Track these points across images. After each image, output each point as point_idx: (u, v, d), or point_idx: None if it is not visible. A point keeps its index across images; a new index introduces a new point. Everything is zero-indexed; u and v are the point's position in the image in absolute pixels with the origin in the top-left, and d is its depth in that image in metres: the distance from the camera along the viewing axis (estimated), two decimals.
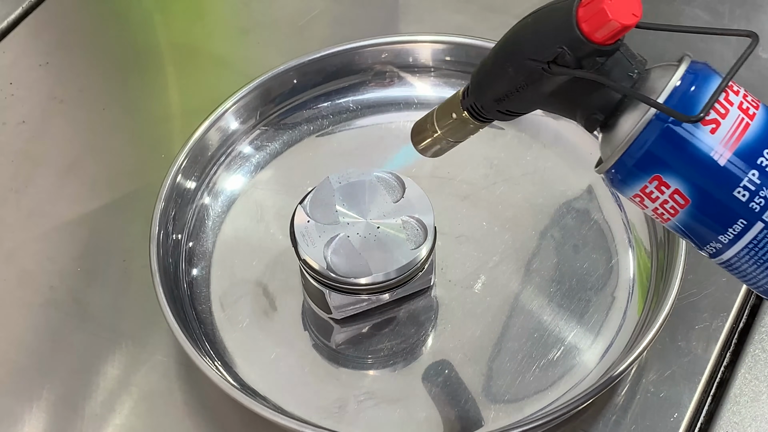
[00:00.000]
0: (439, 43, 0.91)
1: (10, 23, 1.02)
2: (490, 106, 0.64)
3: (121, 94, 0.98)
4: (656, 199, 0.58)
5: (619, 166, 0.58)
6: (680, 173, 0.57)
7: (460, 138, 0.69)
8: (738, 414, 0.76)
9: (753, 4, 1.01)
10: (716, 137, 0.56)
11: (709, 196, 0.57)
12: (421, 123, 0.71)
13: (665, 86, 0.57)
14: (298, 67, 0.90)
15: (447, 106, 0.68)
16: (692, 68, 0.57)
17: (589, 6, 0.56)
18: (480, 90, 0.64)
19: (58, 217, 0.88)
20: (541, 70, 0.58)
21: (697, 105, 0.56)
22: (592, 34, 0.56)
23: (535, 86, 0.60)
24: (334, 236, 0.76)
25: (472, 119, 0.66)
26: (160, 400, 0.78)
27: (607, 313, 0.79)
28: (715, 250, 0.59)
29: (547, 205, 0.85)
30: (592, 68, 0.58)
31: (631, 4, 0.56)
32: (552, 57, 0.58)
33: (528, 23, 0.60)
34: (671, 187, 0.57)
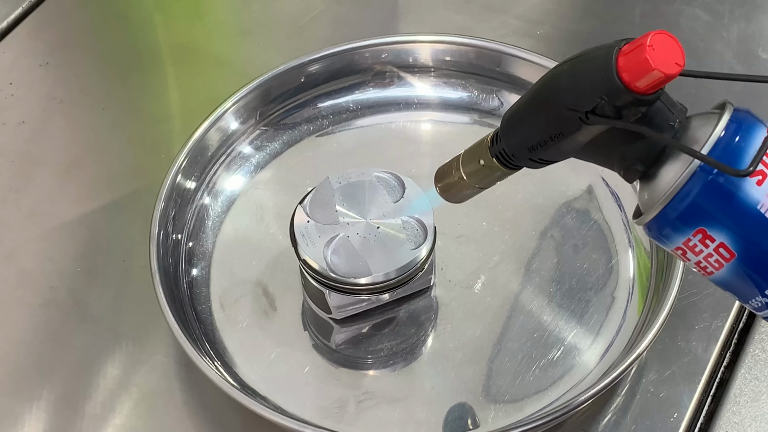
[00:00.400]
0: (439, 43, 0.91)
1: (10, 23, 1.02)
2: (522, 155, 0.62)
3: (121, 94, 0.98)
4: (700, 253, 0.56)
5: (661, 219, 0.56)
6: (726, 226, 0.55)
7: (488, 184, 0.67)
8: (738, 414, 0.76)
9: (753, 4, 1.01)
10: (763, 189, 0.54)
11: (755, 249, 0.55)
12: (445, 168, 0.69)
13: (709, 137, 0.55)
14: (298, 67, 0.90)
15: (474, 152, 0.66)
16: (735, 117, 0.55)
17: (631, 55, 0.54)
18: (512, 138, 0.62)
19: (58, 217, 0.88)
20: (579, 120, 0.57)
21: (741, 156, 0.54)
22: (633, 83, 0.54)
23: (571, 136, 0.58)
24: (334, 236, 0.76)
25: (500, 166, 0.64)
26: (160, 400, 0.78)
27: (607, 313, 0.79)
28: (761, 305, 0.57)
29: (547, 205, 0.85)
30: (632, 118, 0.56)
31: (674, 53, 0.54)
32: (591, 107, 0.56)
33: (564, 71, 0.58)
34: (716, 240, 0.55)
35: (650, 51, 0.54)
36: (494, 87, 0.90)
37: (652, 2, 1.01)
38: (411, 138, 0.91)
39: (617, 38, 0.57)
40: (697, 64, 0.96)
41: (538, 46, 0.94)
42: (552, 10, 1.02)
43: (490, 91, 0.90)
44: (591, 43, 0.58)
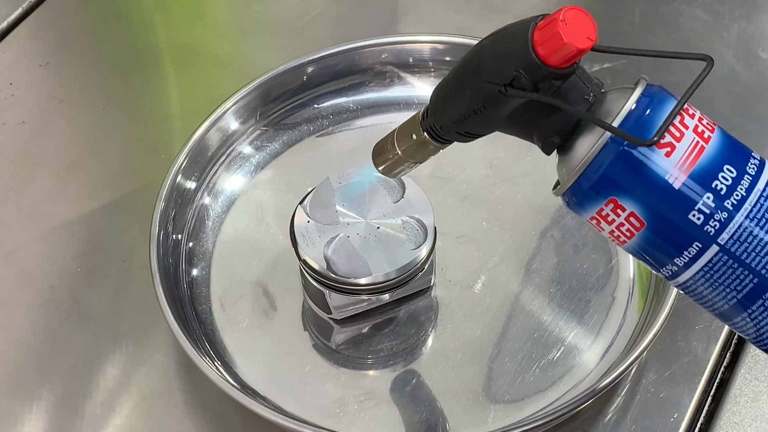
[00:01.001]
0: (439, 43, 0.91)
1: (10, 23, 1.02)
2: (449, 128, 0.64)
3: (121, 94, 0.98)
4: (612, 222, 0.58)
5: (575, 189, 0.58)
6: (635, 196, 0.57)
7: (421, 159, 0.69)
8: (738, 414, 0.76)
9: (753, 4, 1.01)
10: (671, 160, 0.56)
11: (664, 219, 0.57)
12: (381, 144, 0.70)
13: (620, 109, 0.57)
14: (298, 67, 0.90)
15: (407, 128, 0.68)
16: (647, 91, 0.57)
17: (545, 29, 0.56)
18: (439, 111, 0.64)
19: (58, 217, 0.88)
20: (498, 93, 0.58)
21: (652, 128, 0.56)
22: (548, 57, 0.56)
23: (492, 109, 0.60)
24: (334, 236, 0.76)
25: (431, 140, 0.66)
26: (160, 400, 0.78)
27: (607, 313, 0.79)
28: (672, 273, 0.59)
29: (547, 205, 0.85)
30: (548, 91, 0.58)
31: (586, 28, 0.56)
32: (508, 80, 0.58)
33: (485, 45, 0.60)
34: (627, 210, 0.57)
35: (562, 25, 0.56)
36: None
37: (652, 2, 1.01)
38: None
39: (617, 38, 0.58)
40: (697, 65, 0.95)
41: None
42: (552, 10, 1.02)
43: None
44: None
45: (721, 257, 0.57)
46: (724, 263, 0.57)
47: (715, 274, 0.58)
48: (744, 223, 0.56)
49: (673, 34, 0.98)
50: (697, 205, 0.56)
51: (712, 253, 0.57)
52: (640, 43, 0.98)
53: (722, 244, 0.57)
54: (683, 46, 0.97)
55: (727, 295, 0.58)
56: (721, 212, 0.56)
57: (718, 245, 0.57)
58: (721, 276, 0.58)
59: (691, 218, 0.57)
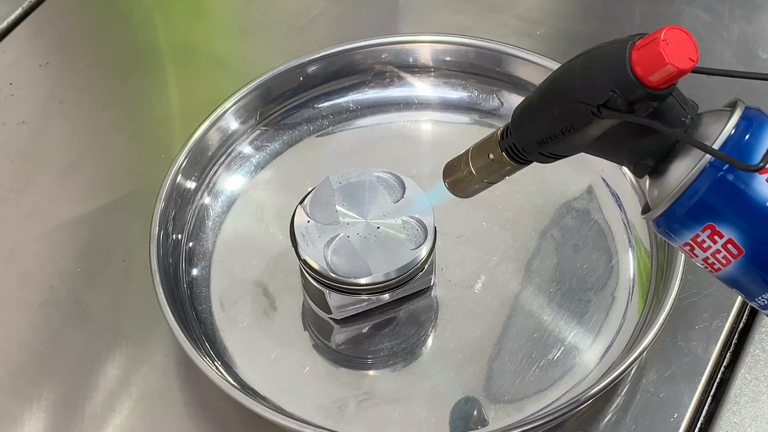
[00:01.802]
0: (439, 43, 0.91)
1: (10, 23, 1.02)
2: (532, 149, 0.62)
3: (121, 94, 0.98)
4: (708, 249, 0.56)
5: (671, 213, 0.56)
6: (734, 222, 0.55)
7: (496, 179, 0.67)
8: (738, 414, 0.76)
9: (753, 4, 1.01)
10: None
11: (764, 246, 0.55)
12: (454, 163, 0.69)
13: (719, 133, 0.55)
14: (298, 67, 0.90)
15: (483, 146, 0.66)
16: (746, 115, 0.56)
17: (644, 49, 0.54)
18: (522, 131, 0.62)
19: (58, 217, 0.88)
20: (591, 114, 0.57)
21: (751, 153, 0.54)
22: (646, 77, 0.54)
23: (582, 130, 0.58)
24: (334, 236, 0.76)
25: (509, 160, 0.64)
26: (160, 400, 0.78)
27: (607, 313, 0.79)
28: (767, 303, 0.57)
29: (547, 205, 0.85)
30: (643, 112, 0.56)
31: (687, 48, 0.54)
32: (603, 100, 0.56)
33: (577, 64, 0.58)
34: (724, 236, 0.55)
35: (664, 45, 0.54)
36: (494, 87, 0.90)
37: (652, 2, 1.01)
38: (411, 138, 0.91)
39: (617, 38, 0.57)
40: None
41: (538, 46, 0.94)
42: (552, 10, 1.02)
43: (490, 91, 0.91)
44: (591, 43, 0.58)
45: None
46: None
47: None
48: None
49: None
50: None
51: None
52: None
53: None
54: None
55: None
56: None
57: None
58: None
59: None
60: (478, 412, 0.75)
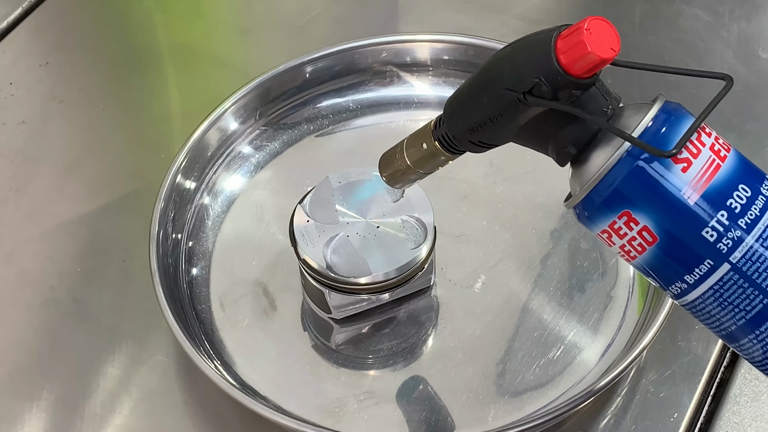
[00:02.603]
0: (438, 42, 0.91)
1: (10, 23, 1.02)
2: (463, 137, 0.64)
3: (121, 94, 0.98)
4: (624, 236, 0.58)
5: (589, 200, 0.58)
6: (650, 210, 0.57)
7: (430, 170, 0.69)
8: (738, 414, 0.76)
9: (753, 4, 1.01)
10: (687, 176, 0.56)
11: (677, 234, 0.57)
12: (389, 154, 0.70)
13: (638, 124, 0.57)
14: (298, 67, 0.90)
15: (417, 137, 0.68)
16: (665, 108, 0.57)
17: (569, 38, 0.56)
18: (453, 119, 0.64)
19: (58, 217, 0.88)
20: (517, 101, 0.58)
21: (669, 144, 0.56)
22: (570, 66, 0.56)
23: (509, 117, 0.60)
24: (333, 236, 0.76)
25: (443, 150, 0.66)
26: (160, 400, 0.78)
27: (607, 312, 0.79)
28: (680, 291, 0.59)
29: (548, 204, 0.85)
30: (567, 101, 0.58)
31: (610, 39, 0.56)
32: (528, 87, 0.57)
33: (506, 53, 0.60)
34: (640, 223, 0.57)
35: (587, 34, 0.55)
36: None
37: (652, 2, 1.01)
38: None
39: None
40: (697, 64, 0.96)
41: None
42: (552, 10, 1.02)
43: None
44: None
45: (732, 276, 0.57)
46: (735, 282, 0.57)
47: (725, 294, 0.57)
48: (757, 242, 0.56)
49: (673, 34, 0.98)
50: (710, 222, 0.56)
51: (723, 272, 0.57)
52: (640, 42, 0.98)
53: (734, 263, 0.56)
54: (683, 46, 0.97)
55: (735, 316, 0.58)
56: (735, 230, 0.56)
57: (730, 264, 0.57)
58: (731, 296, 0.57)
59: (704, 235, 0.56)
60: (478, 412, 0.75)
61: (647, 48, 0.97)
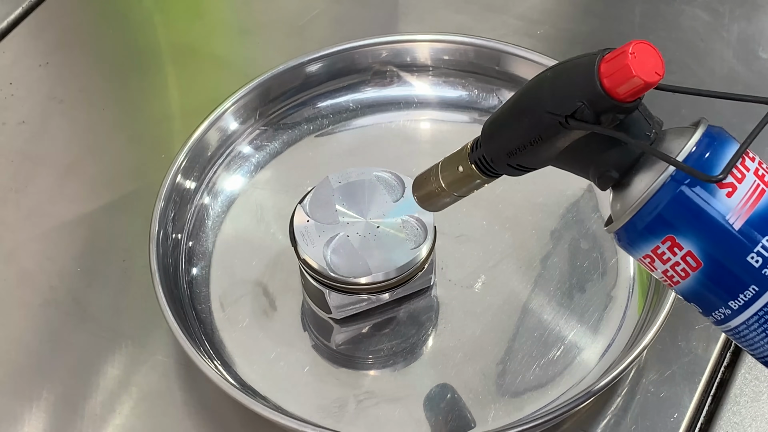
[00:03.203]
0: (438, 42, 0.91)
1: (10, 23, 1.02)
2: (501, 160, 0.63)
3: (121, 94, 0.98)
4: (667, 261, 0.57)
5: (632, 225, 0.57)
6: (694, 235, 0.56)
7: (465, 193, 0.68)
8: (738, 414, 0.76)
9: (753, 4, 1.01)
10: (732, 201, 0.56)
11: (722, 260, 0.56)
12: (424, 176, 0.69)
13: (682, 148, 0.56)
14: (298, 67, 0.90)
15: (452, 160, 0.67)
16: (709, 132, 0.57)
17: (613, 62, 0.55)
18: (492, 142, 0.63)
19: (58, 217, 0.88)
20: (558, 124, 0.58)
21: (713, 169, 0.56)
22: (614, 90, 0.56)
23: (550, 140, 0.59)
24: (333, 236, 0.76)
25: (479, 173, 0.65)
26: (160, 400, 0.78)
27: (607, 312, 0.79)
28: (723, 317, 0.58)
29: (548, 204, 0.85)
30: (610, 125, 0.57)
31: (654, 63, 0.55)
32: (571, 111, 0.57)
33: (547, 77, 0.59)
34: (684, 248, 0.57)
35: (632, 58, 0.55)
36: (493, 86, 0.90)
37: (652, 2, 1.01)
38: (411, 137, 0.91)
39: (617, 38, 0.58)
40: (697, 64, 0.96)
41: (538, 46, 0.94)
42: (552, 10, 1.02)
43: (490, 89, 0.91)
44: (591, 43, 0.59)
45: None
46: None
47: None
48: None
49: (673, 34, 0.98)
50: (756, 248, 0.56)
51: None
52: None
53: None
54: (683, 46, 0.97)
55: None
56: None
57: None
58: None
59: (750, 261, 0.56)
60: (478, 411, 0.75)
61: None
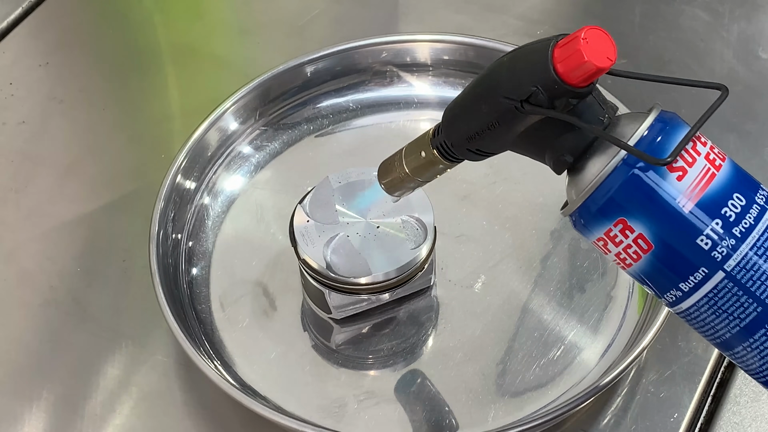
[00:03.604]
0: (438, 42, 0.91)
1: (10, 23, 1.02)
2: (461, 145, 0.64)
3: (121, 94, 0.98)
4: (620, 243, 0.58)
5: (586, 208, 0.58)
6: (645, 218, 0.57)
7: (428, 178, 0.69)
8: (738, 414, 0.76)
9: (753, 4, 1.01)
10: (682, 185, 0.57)
11: (672, 242, 0.57)
12: (388, 162, 0.71)
13: (634, 132, 0.57)
14: (298, 67, 0.90)
15: (415, 146, 0.68)
16: (661, 117, 0.58)
17: (565, 47, 0.57)
18: (452, 127, 0.64)
19: (58, 217, 0.88)
20: (514, 109, 0.59)
21: (664, 153, 0.57)
22: (567, 74, 0.57)
23: (507, 125, 0.60)
24: (333, 236, 0.76)
25: (441, 158, 0.66)
26: (160, 400, 0.78)
27: (607, 312, 0.79)
28: (675, 299, 0.59)
29: (547, 203, 0.85)
30: (564, 110, 0.58)
31: (606, 48, 0.56)
32: (525, 96, 0.58)
33: (504, 62, 0.60)
34: (635, 231, 0.58)
35: (584, 44, 0.56)
36: None
37: (652, 2, 1.01)
38: (410, 137, 0.89)
39: (617, 38, 0.58)
40: (697, 64, 0.96)
41: None
42: (552, 10, 1.02)
43: None
44: None
45: (726, 284, 0.57)
46: (729, 290, 0.57)
47: (719, 302, 0.58)
48: (751, 251, 0.57)
49: (673, 34, 0.98)
50: (705, 231, 0.57)
51: (717, 280, 0.57)
52: (640, 42, 0.98)
53: (728, 271, 0.57)
54: (683, 46, 0.97)
55: (729, 324, 0.58)
56: (729, 239, 0.57)
57: (725, 272, 0.57)
58: (725, 304, 0.58)
59: (699, 243, 0.57)
60: (478, 412, 0.75)
61: (647, 48, 0.97)
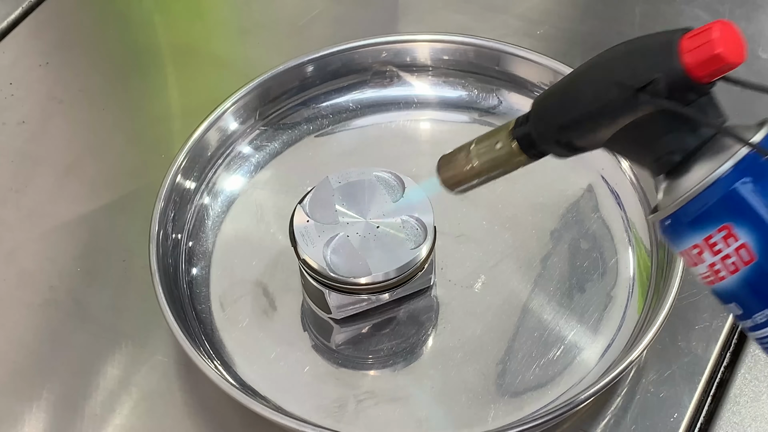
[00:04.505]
0: (438, 42, 0.91)
1: (10, 23, 1.02)
2: (550, 136, 0.59)
3: (121, 94, 0.98)
4: (718, 253, 0.53)
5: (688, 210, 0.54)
6: (755, 226, 0.52)
7: (498, 174, 0.63)
8: (738, 414, 0.76)
9: (753, 4, 1.01)
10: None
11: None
12: (452, 154, 0.65)
13: (754, 136, 0.53)
14: (298, 67, 0.90)
15: (490, 136, 0.63)
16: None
17: (695, 38, 0.52)
18: (544, 113, 0.59)
19: (58, 217, 0.88)
20: (627, 98, 0.54)
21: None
22: (694, 66, 0.52)
23: (611, 115, 0.55)
24: (333, 236, 0.76)
25: (519, 151, 0.61)
26: (160, 400, 0.78)
27: (607, 312, 0.79)
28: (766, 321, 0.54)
29: (547, 204, 0.85)
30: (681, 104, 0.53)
31: (737, 45, 0.52)
32: (643, 84, 0.53)
33: (621, 48, 0.55)
34: (740, 239, 0.53)
35: (717, 36, 0.52)
36: (493, 86, 0.90)
37: (652, 2, 1.01)
38: (410, 137, 0.91)
39: (617, 38, 0.57)
40: None
41: (538, 46, 0.94)
42: (552, 10, 1.02)
43: (489, 89, 0.91)
44: (591, 43, 0.58)
45: None
46: None
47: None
48: None
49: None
50: None
51: None
52: None
53: None
54: None
55: None
56: None
57: None
58: None
59: None
60: (478, 412, 0.75)
61: None
